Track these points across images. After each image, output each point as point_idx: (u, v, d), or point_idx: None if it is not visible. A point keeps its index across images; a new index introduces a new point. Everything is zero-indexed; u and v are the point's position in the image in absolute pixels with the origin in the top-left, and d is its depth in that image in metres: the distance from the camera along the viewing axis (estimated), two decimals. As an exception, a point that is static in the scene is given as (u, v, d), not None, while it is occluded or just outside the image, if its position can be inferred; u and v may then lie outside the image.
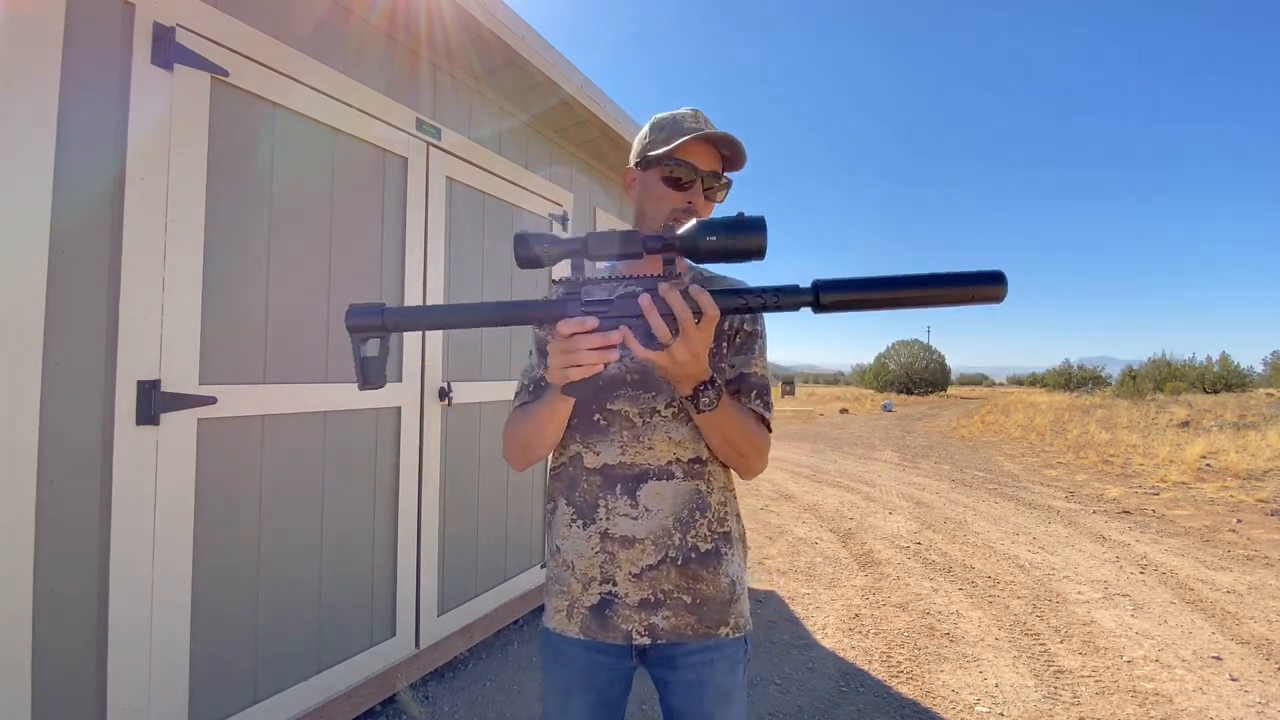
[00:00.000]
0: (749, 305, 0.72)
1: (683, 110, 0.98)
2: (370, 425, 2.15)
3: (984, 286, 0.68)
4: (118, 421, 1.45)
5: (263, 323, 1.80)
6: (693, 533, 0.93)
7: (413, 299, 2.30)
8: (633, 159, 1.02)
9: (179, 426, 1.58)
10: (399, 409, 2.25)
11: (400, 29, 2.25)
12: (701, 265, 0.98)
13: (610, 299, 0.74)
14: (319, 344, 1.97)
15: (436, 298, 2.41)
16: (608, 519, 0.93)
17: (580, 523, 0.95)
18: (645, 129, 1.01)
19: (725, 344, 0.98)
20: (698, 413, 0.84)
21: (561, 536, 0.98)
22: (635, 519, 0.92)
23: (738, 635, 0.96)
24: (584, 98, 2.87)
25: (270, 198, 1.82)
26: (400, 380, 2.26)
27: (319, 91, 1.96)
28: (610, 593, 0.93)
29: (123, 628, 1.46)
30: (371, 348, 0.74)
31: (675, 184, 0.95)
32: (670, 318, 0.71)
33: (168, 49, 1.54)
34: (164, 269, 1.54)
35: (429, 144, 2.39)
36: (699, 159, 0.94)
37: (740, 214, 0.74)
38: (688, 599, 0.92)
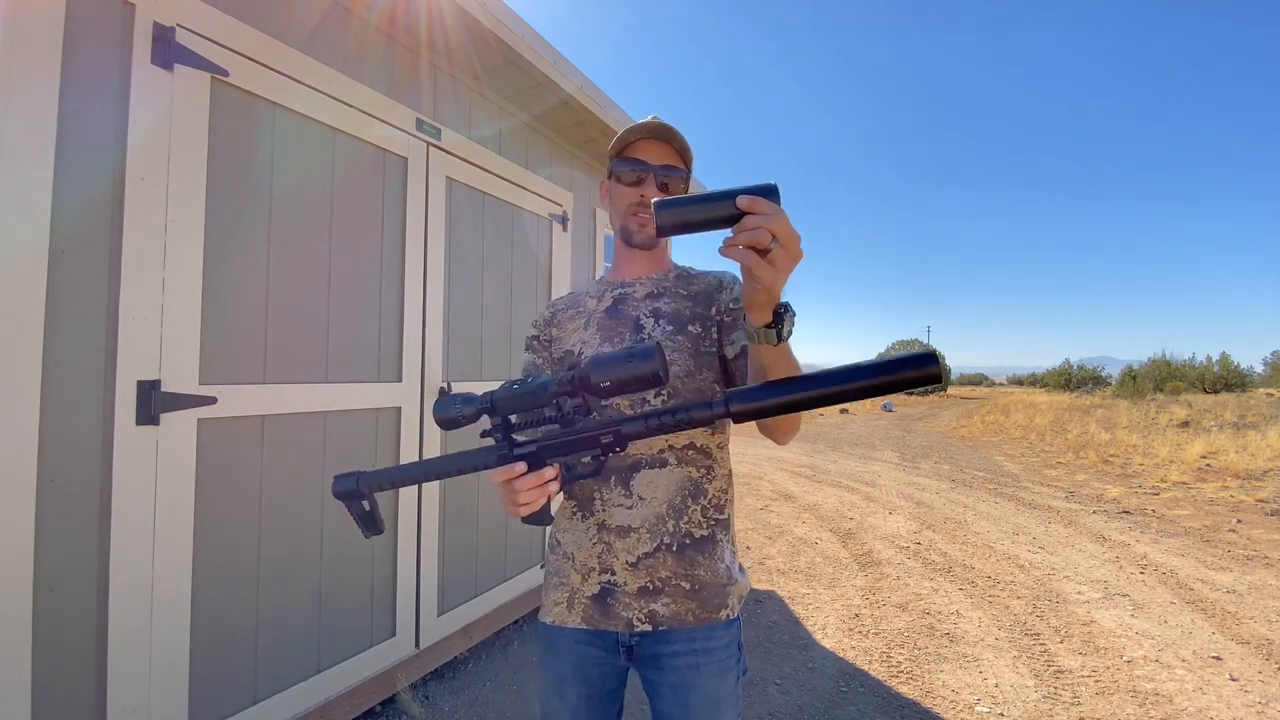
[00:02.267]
0: (663, 425, 0.75)
1: (645, 120, 1.03)
2: (370, 425, 2.15)
3: (913, 371, 0.64)
4: (118, 421, 1.46)
5: (263, 323, 1.80)
6: (685, 519, 0.95)
7: (412, 299, 2.30)
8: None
9: (179, 426, 1.58)
10: (399, 409, 2.25)
11: (400, 29, 2.26)
12: (688, 267, 1.11)
13: (534, 441, 0.81)
14: (319, 344, 1.97)
15: (436, 297, 2.41)
16: (604, 510, 0.95)
17: (580, 515, 0.98)
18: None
19: (715, 327, 1.00)
20: (778, 342, 0.72)
21: (562, 529, 1.01)
22: (630, 508, 0.94)
23: (734, 616, 0.97)
24: (584, 98, 2.87)
25: (270, 198, 1.82)
26: (400, 380, 2.25)
27: (319, 91, 1.96)
28: (610, 582, 0.94)
29: (123, 628, 1.46)
30: (366, 503, 0.87)
31: (628, 181, 1.02)
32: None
33: (168, 49, 1.55)
34: (164, 269, 1.55)
35: (429, 144, 2.39)
36: (649, 155, 1.00)
37: (632, 345, 0.78)
38: (686, 585, 0.93)
